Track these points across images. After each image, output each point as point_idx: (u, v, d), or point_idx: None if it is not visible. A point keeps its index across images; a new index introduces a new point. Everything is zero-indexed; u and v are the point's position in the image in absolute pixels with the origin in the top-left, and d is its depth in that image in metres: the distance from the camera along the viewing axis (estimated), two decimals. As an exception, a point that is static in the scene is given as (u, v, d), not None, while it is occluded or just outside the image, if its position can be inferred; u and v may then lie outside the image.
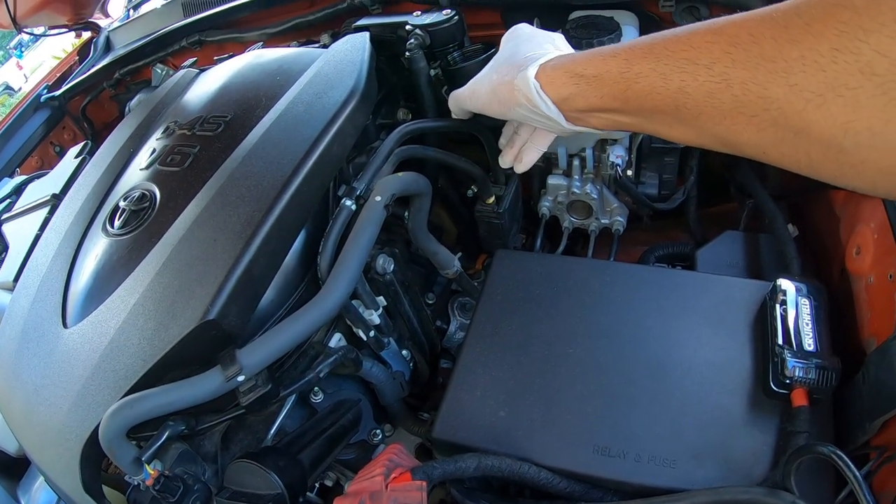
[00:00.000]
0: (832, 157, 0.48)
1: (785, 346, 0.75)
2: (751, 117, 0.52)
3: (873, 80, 0.43)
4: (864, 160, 0.46)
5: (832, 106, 0.46)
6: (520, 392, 0.81)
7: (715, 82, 0.54)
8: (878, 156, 0.45)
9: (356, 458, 0.99)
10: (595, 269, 0.94)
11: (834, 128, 0.46)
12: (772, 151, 0.53)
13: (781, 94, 0.49)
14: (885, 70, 0.42)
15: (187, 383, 0.72)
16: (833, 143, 0.47)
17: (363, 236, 0.80)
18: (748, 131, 0.54)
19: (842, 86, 0.45)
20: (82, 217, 0.99)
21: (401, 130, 0.96)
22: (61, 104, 1.95)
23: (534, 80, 0.73)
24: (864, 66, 0.43)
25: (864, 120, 0.44)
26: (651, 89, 0.60)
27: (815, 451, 0.63)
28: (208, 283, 0.74)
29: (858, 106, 0.44)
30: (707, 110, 0.56)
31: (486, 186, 1.07)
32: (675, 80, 0.58)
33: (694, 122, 0.59)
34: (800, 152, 0.51)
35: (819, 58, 0.45)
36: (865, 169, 0.47)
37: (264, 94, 0.97)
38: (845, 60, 0.44)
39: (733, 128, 0.55)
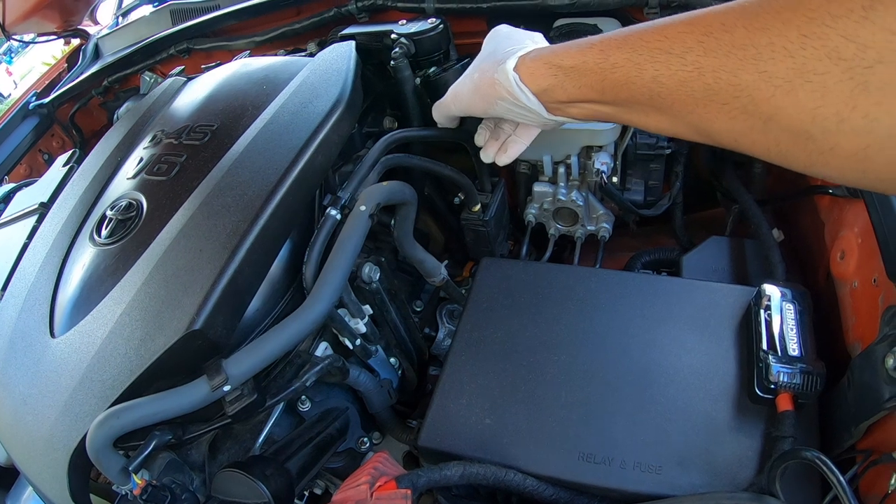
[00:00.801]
0: (801, 144, 0.48)
1: (770, 351, 0.75)
2: (722, 105, 0.53)
3: (840, 65, 0.43)
4: (833, 147, 0.46)
5: (800, 92, 0.46)
6: (505, 400, 0.82)
7: (687, 71, 0.55)
8: (846, 142, 0.45)
9: (344, 466, 0.99)
10: (580, 276, 0.94)
11: (802, 114, 0.47)
12: (743, 140, 0.54)
13: (751, 81, 0.50)
14: (851, 55, 0.42)
15: (173, 393, 0.72)
16: (802, 130, 0.48)
17: (347, 246, 0.81)
18: (720, 119, 0.54)
19: (810, 71, 0.45)
20: (70, 226, 0.99)
21: (386, 139, 0.96)
22: (50, 112, 1.94)
23: (513, 73, 0.74)
24: (832, 52, 0.43)
25: (832, 105, 0.45)
26: (627, 79, 0.62)
27: (799, 457, 0.63)
28: (194, 293, 0.74)
29: (826, 91, 0.44)
30: (681, 98, 0.57)
31: (473, 194, 1.07)
32: (649, 69, 0.59)
33: (668, 111, 0.60)
34: (770, 140, 0.51)
35: (788, 44, 0.46)
36: (834, 156, 0.47)
37: (250, 104, 0.97)
38: (813, 46, 0.44)
39: (706, 116, 0.55)
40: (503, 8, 1.20)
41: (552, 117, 0.76)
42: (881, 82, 0.41)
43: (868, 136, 0.44)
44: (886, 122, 0.42)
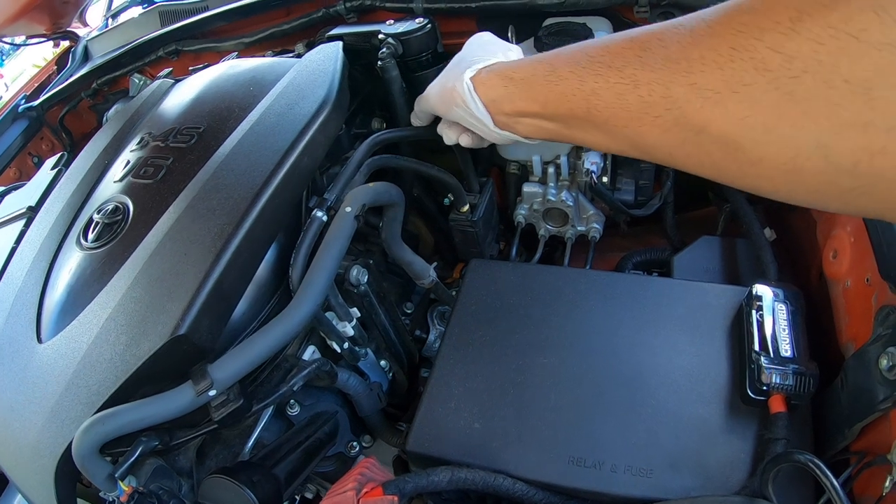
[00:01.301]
0: (732, 155, 0.49)
1: (762, 352, 0.75)
2: (655, 118, 0.54)
3: (766, 76, 0.44)
4: (762, 157, 0.47)
5: (729, 103, 0.47)
6: (494, 403, 0.81)
7: (624, 84, 0.56)
8: (775, 151, 0.46)
9: (335, 471, 0.99)
10: (570, 277, 0.94)
11: (731, 124, 0.48)
12: (677, 153, 0.55)
13: (682, 93, 0.51)
14: (777, 66, 0.43)
15: (159, 399, 0.71)
16: (731, 141, 0.48)
17: (332, 248, 0.80)
18: (654, 133, 0.55)
19: (738, 83, 0.46)
20: (57, 230, 0.98)
21: (371, 141, 0.97)
22: (39, 114, 1.92)
23: (468, 82, 0.77)
24: (759, 63, 0.44)
25: (759, 115, 0.45)
26: (568, 91, 0.63)
27: (792, 459, 0.63)
28: (179, 298, 0.73)
29: (753, 102, 0.45)
30: (616, 112, 0.58)
31: (461, 195, 1.07)
32: (589, 82, 0.60)
33: (605, 126, 0.61)
34: (702, 152, 0.52)
35: (718, 57, 0.47)
36: (764, 167, 0.47)
37: (237, 105, 0.97)
38: (741, 58, 0.45)
39: (640, 129, 0.56)
40: (492, 7, 1.19)
41: (500, 131, 0.78)
42: (807, 92, 0.42)
43: (795, 145, 0.44)
44: (813, 132, 0.43)
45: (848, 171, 0.42)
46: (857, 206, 0.45)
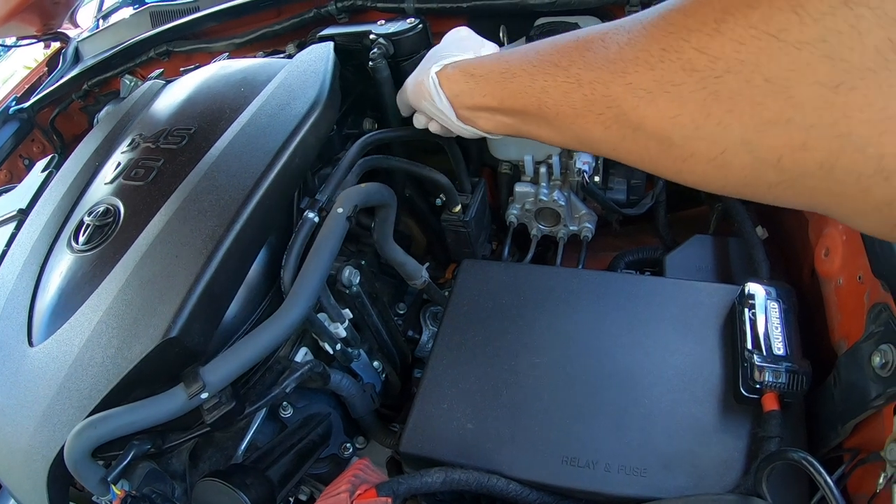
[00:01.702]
0: (666, 151, 0.51)
1: (754, 350, 0.75)
2: (598, 115, 0.56)
3: (693, 76, 0.46)
4: (693, 153, 0.49)
5: (660, 102, 0.49)
6: (487, 404, 0.81)
7: (569, 83, 0.59)
8: (704, 148, 0.47)
9: (329, 472, 0.98)
10: (562, 277, 0.94)
11: (663, 122, 0.50)
12: (620, 148, 0.57)
13: (620, 92, 0.53)
14: (703, 66, 0.45)
15: (150, 402, 0.71)
16: (664, 137, 0.50)
17: (324, 249, 0.80)
18: (597, 129, 0.57)
19: (668, 82, 0.48)
20: (48, 233, 0.98)
21: (362, 141, 0.97)
22: (30, 116, 1.92)
23: (434, 76, 0.80)
24: (686, 64, 0.46)
25: (688, 114, 0.47)
26: (521, 88, 0.67)
27: (785, 457, 0.63)
28: (170, 301, 0.73)
29: (682, 101, 0.47)
30: (564, 110, 0.61)
31: (453, 195, 1.07)
32: (539, 80, 0.64)
33: (555, 122, 0.64)
34: (641, 148, 0.54)
35: (649, 57, 0.49)
36: (696, 162, 0.49)
37: (228, 106, 0.96)
38: (670, 59, 0.47)
39: (585, 126, 0.59)
40: (483, 7, 1.19)
41: (461, 125, 0.82)
42: (731, 91, 0.44)
43: (722, 142, 0.46)
44: (738, 129, 0.44)
45: (772, 165, 0.43)
46: (786, 199, 0.46)
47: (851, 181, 0.40)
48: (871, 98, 0.37)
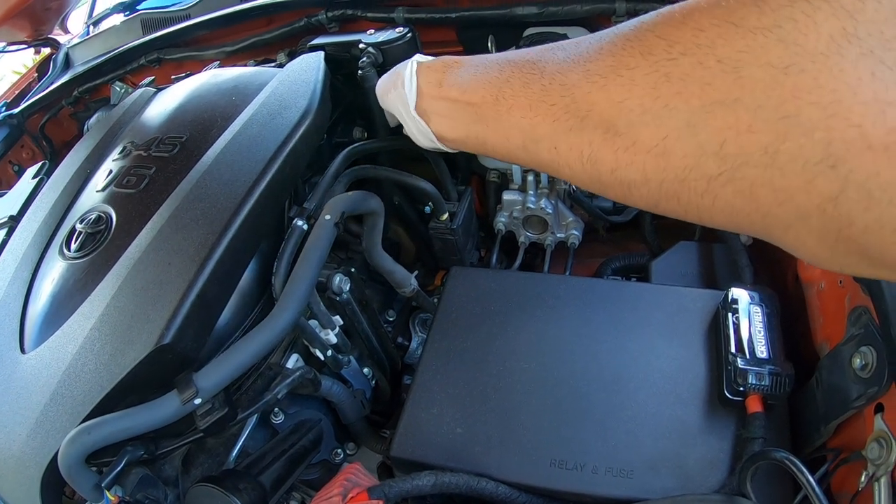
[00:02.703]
0: (608, 141, 0.50)
1: (738, 353, 0.76)
2: (550, 106, 0.56)
3: (648, 59, 0.46)
4: (635, 141, 0.48)
5: (612, 86, 0.49)
6: (476, 408, 0.82)
7: (533, 73, 0.59)
8: (647, 133, 0.46)
9: (320, 478, 0.99)
10: (549, 283, 0.95)
11: (612, 107, 0.49)
12: (562, 144, 0.56)
13: (576, 79, 0.53)
14: (660, 50, 0.45)
15: (144, 408, 0.71)
16: (609, 125, 0.50)
17: (313, 255, 0.81)
18: (546, 123, 0.57)
19: (623, 66, 0.48)
20: (39, 239, 0.98)
21: (347, 152, 0.98)
22: (20, 122, 1.91)
23: (414, 63, 0.79)
24: (644, 48, 0.46)
25: (637, 98, 0.47)
26: (488, 78, 0.66)
27: (769, 457, 0.64)
28: (163, 308, 0.74)
29: (633, 84, 0.47)
30: (519, 101, 0.60)
31: (440, 204, 1.08)
32: (507, 72, 0.63)
33: (506, 116, 0.62)
34: (583, 141, 0.53)
35: (612, 47, 0.50)
36: (636, 151, 0.48)
37: (220, 115, 0.97)
38: (631, 46, 0.48)
39: (535, 120, 0.58)
40: (472, 17, 1.21)
41: (416, 118, 0.78)
42: (682, 73, 0.43)
43: (667, 125, 0.45)
44: (684, 111, 0.43)
45: (714, 153, 0.42)
46: (720, 203, 0.44)
47: (796, 170, 0.38)
48: (822, 81, 0.36)
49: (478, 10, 1.22)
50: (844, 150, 0.35)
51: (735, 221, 0.45)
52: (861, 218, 0.36)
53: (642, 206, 0.53)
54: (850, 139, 0.35)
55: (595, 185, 0.55)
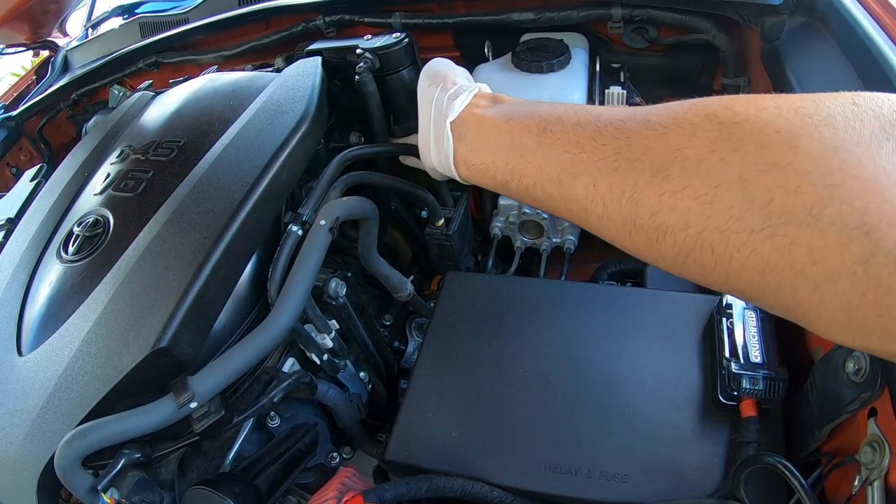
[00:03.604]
0: (657, 182, 0.53)
1: (732, 358, 0.76)
2: (601, 145, 0.58)
3: (712, 121, 0.50)
4: (686, 185, 0.51)
5: (672, 135, 0.53)
6: (471, 412, 0.82)
7: (587, 116, 0.62)
8: (699, 182, 0.49)
9: (315, 482, 0.99)
10: (545, 288, 0.95)
11: (667, 153, 0.52)
12: (602, 182, 0.58)
13: (634, 126, 0.57)
14: (724, 116, 0.50)
15: (141, 411, 0.71)
16: (661, 168, 0.53)
17: (308, 260, 0.81)
18: (591, 159, 0.59)
19: (686, 122, 0.52)
20: (37, 242, 0.98)
21: (340, 158, 0.98)
22: (18, 124, 1.90)
23: (477, 87, 0.80)
24: (709, 112, 0.51)
25: (694, 148, 0.50)
26: (537, 112, 0.68)
27: (762, 462, 0.64)
28: (160, 311, 0.74)
29: (694, 136, 0.51)
30: (568, 137, 0.62)
31: (435, 209, 1.08)
32: (560, 109, 0.66)
33: (548, 149, 0.64)
34: (628, 181, 0.55)
35: (677, 106, 0.55)
36: (684, 196, 0.51)
37: (217, 119, 0.97)
38: (696, 108, 0.53)
39: (579, 156, 0.60)
40: (469, 23, 1.21)
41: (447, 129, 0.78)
42: (742, 134, 0.48)
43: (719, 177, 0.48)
44: (738, 166, 0.48)
45: (761, 207, 0.45)
46: (756, 258, 0.46)
47: (834, 232, 0.41)
48: (864, 162, 0.41)
49: (475, 15, 1.23)
50: (878, 220, 0.39)
51: (763, 281, 0.47)
52: (886, 281, 0.39)
53: (668, 256, 0.54)
54: (884, 212, 0.40)
55: (624, 226, 0.56)
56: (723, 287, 0.51)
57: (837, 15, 0.96)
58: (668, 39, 1.20)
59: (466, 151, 0.76)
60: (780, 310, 0.48)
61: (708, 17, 1.12)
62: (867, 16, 0.93)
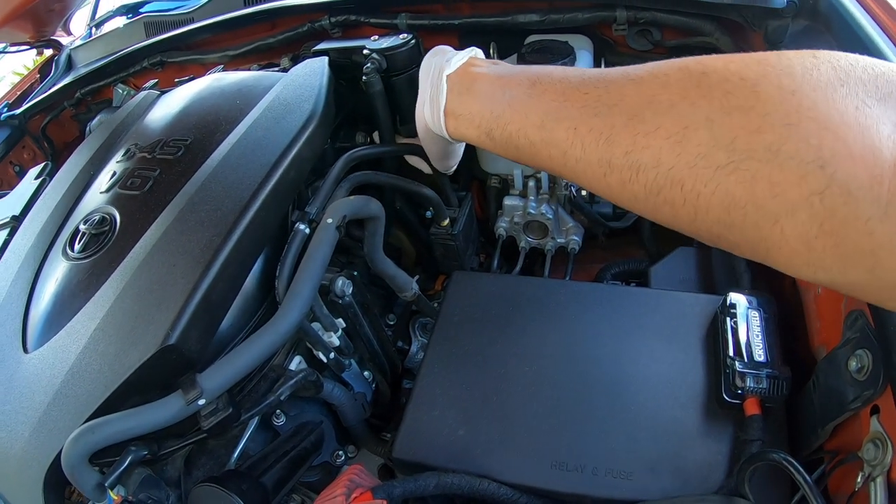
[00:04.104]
0: (631, 126, 0.57)
1: (736, 357, 0.77)
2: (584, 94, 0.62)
3: (684, 71, 0.55)
4: (658, 127, 0.54)
5: (647, 83, 0.57)
6: (478, 410, 0.82)
7: (574, 71, 0.67)
8: (670, 122, 0.53)
9: (320, 480, 0.99)
10: (550, 288, 0.96)
11: (642, 99, 0.56)
12: (583, 126, 0.61)
13: (615, 77, 0.61)
14: (695, 68, 0.54)
15: (149, 408, 0.72)
16: (636, 112, 0.56)
17: (316, 258, 0.82)
18: (575, 106, 0.62)
19: (660, 73, 0.57)
20: (42, 240, 0.98)
21: (345, 158, 0.98)
22: (21, 123, 1.90)
23: (473, 50, 0.84)
24: (682, 65, 0.55)
25: (668, 94, 0.54)
26: (527, 69, 0.72)
27: (766, 458, 0.65)
28: (168, 309, 0.74)
29: (667, 85, 0.55)
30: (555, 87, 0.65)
31: (441, 209, 1.09)
32: (548, 68, 0.70)
33: (536, 99, 0.67)
34: (606, 124, 0.59)
35: (654, 64, 0.59)
36: (656, 136, 0.54)
37: (224, 118, 0.98)
38: (671, 64, 0.57)
39: (564, 103, 0.63)
40: (474, 24, 1.22)
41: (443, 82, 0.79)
42: (710, 83, 0.52)
43: (688, 118, 0.52)
44: (706, 109, 0.51)
45: (725, 145, 0.49)
46: (721, 193, 0.50)
47: (792, 166, 0.45)
48: (819, 104, 0.45)
49: (480, 17, 1.23)
50: (831, 155, 0.43)
51: (728, 217, 0.50)
52: (841, 210, 0.43)
53: (640, 196, 0.57)
54: (837, 148, 0.43)
55: (600, 167, 0.59)
56: (691, 227, 0.54)
57: (840, 18, 0.97)
58: (672, 42, 1.20)
59: (456, 103, 0.78)
60: (746, 247, 0.52)
61: (712, 20, 1.12)
62: (870, 19, 0.94)
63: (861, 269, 0.44)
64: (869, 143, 0.43)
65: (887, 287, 0.44)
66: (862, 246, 0.43)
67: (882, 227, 0.42)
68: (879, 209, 0.42)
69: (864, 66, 0.47)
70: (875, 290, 0.46)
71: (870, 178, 0.42)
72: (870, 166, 0.42)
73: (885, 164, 0.42)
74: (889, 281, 0.44)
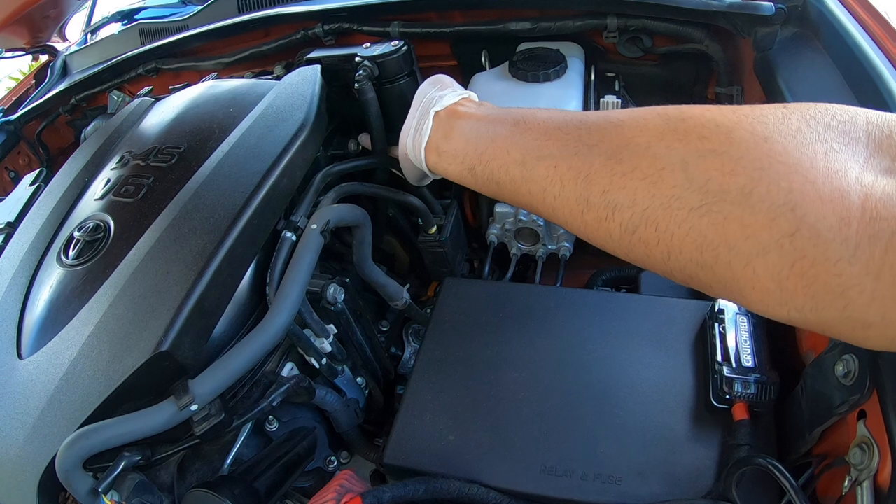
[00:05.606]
0: (609, 167, 0.58)
1: (724, 362, 0.77)
2: (565, 134, 0.64)
3: (662, 117, 0.57)
4: (635, 167, 0.56)
5: (626, 126, 0.59)
6: (468, 416, 0.83)
7: (557, 112, 0.68)
8: (647, 164, 0.55)
9: (313, 486, 0.99)
10: (541, 294, 0.96)
11: (621, 141, 0.58)
12: (563, 164, 0.63)
13: (596, 119, 0.63)
14: (673, 115, 0.56)
15: (142, 414, 0.72)
16: (614, 153, 0.58)
17: (302, 261, 0.83)
18: (556, 146, 0.64)
19: (640, 118, 0.59)
20: (37, 246, 0.98)
21: (323, 174, 1.00)
22: (16, 129, 1.91)
23: (469, 92, 0.85)
24: (660, 112, 0.58)
25: (645, 137, 0.56)
26: (512, 109, 0.74)
27: (753, 463, 0.65)
28: (161, 315, 0.74)
29: (645, 128, 0.57)
30: (539, 127, 0.67)
31: (428, 217, 1.10)
32: (533, 109, 0.72)
33: (520, 137, 0.69)
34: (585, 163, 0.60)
35: (633, 109, 0.61)
36: (633, 177, 0.56)
37: (217, 126, 0.98)
38: (650, 110, 0.59)
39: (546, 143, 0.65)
40: (466, 32, 1.22)
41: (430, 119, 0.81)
42: (687, 128, 0.54)
43: (665, 160, 0.54)
44: (681, 152, 0.53)
45: (699, 187, 0.50)
46: (695, 235, 0.51)
47: (763, 209, 0.46)
48: (789, 150, 0.47)
49: (472, 24, 1.24)
50: (801, 198, 0.45)
51: (701, 257, 0.51)
52: (811, 252, 0.44)
53: (616, 234, 0.58)
54: (806, 191, 0.45)
55: (578, 205, 0.61)
56: (665, 266, 0.55)
57: (829, 26, 0.98)
58: (663, 49, 1.22)
59: (441, 139, 0.79)
60: (718, 287, 0.53)
61: (702, 27, 1.13)
62: (858, 27, 0.95)
63: (832, 309, 0.45)
64: (837, 185, 0.44)
65: (860, 326, 0.45)
66: (832, 286, 0.44)
67: (851, 268, 0.43)
68: (848, 250, 0.43)
69: (833, 113, 0.49)
70: (848, 330, 0.46)
71: (838, 220, 0.43)
72: (838, 209, 0.44)
73: (852, 207, 0.43)
74: (860, 320, 0.44)
